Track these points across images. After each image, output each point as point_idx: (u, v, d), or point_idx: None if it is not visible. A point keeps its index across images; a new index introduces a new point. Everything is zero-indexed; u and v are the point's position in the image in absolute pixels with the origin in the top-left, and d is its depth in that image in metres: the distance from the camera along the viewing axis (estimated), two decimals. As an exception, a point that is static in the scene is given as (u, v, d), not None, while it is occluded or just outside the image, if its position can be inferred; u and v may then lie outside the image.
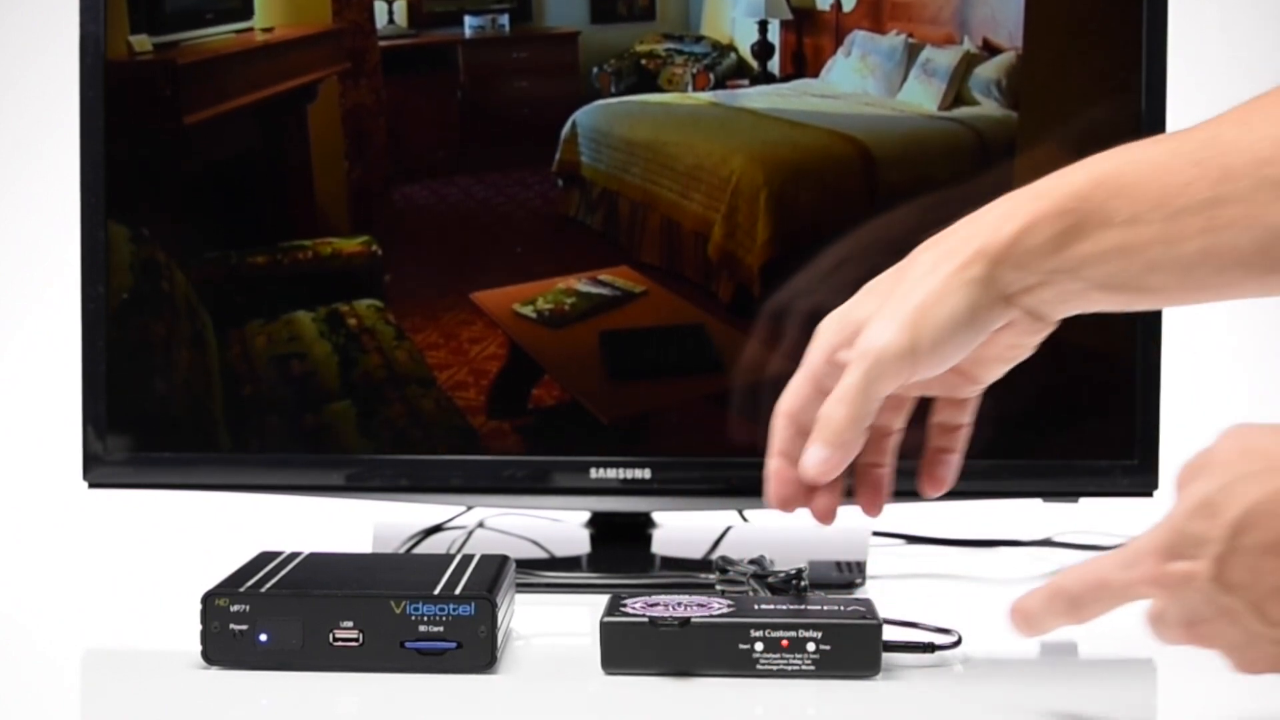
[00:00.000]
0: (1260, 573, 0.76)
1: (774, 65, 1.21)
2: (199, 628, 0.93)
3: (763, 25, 1.21)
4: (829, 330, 0.93)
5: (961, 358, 0.90)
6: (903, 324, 0.88)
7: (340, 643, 0.93)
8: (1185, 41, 1.24)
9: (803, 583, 0.99)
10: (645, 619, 0.92)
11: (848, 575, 1.19)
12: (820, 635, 0.91)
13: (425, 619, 0.93)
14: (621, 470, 1.22)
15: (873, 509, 0.96)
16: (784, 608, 0.92)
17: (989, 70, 1.20)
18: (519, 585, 1.09)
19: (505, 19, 1.22)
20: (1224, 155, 0.87)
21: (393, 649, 0.93)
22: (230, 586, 0.95)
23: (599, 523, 1.29)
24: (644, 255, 1.22)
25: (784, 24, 1.21)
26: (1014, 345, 0.92)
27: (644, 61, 1.21)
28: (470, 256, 1.21)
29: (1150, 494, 1.19)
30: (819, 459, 0.90)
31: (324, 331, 1.22)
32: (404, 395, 1.22)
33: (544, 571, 1.20)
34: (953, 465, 0.96)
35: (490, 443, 1.21)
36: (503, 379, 1.22)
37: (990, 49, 1.20)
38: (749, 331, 1.20)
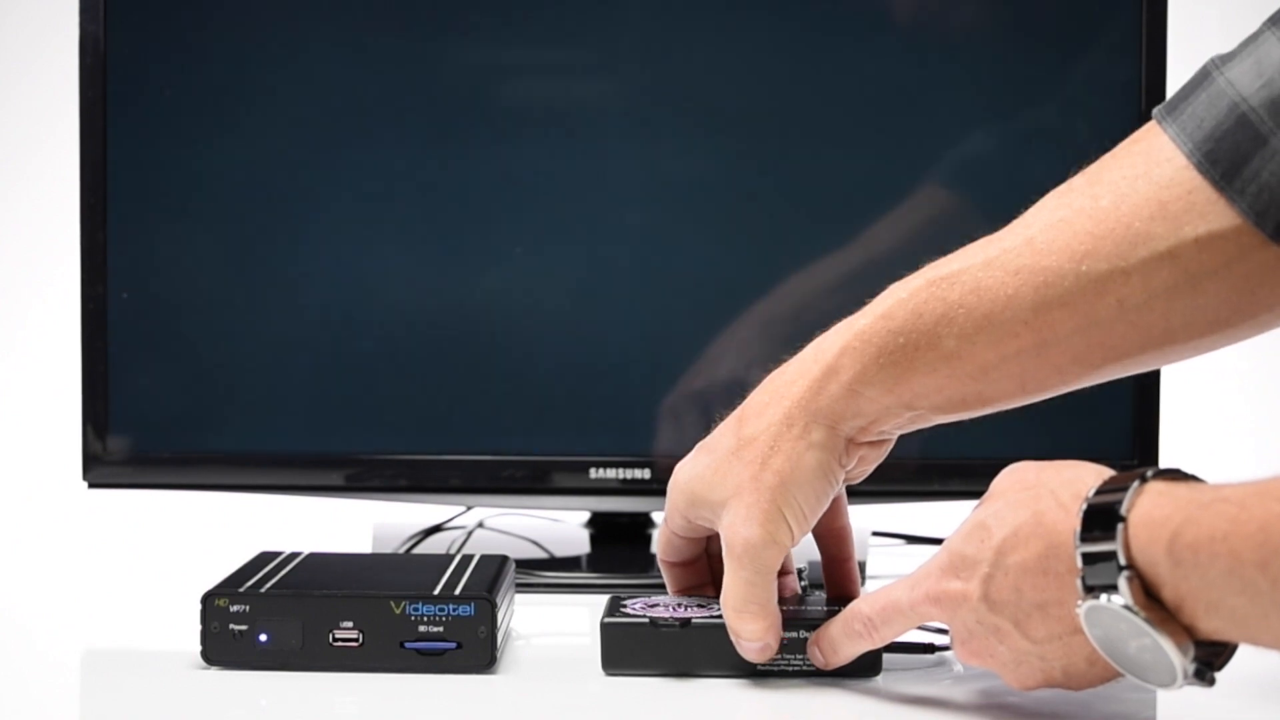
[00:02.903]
0: (1021, 591, 0.80)
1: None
2: (199, 628, 0.93)
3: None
4: (680, 498, 0.94)
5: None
6: (767, 513, 0.89)
7: (340, 643, 0.93)
8: (1185, 41, 1.24)
9: (802, 583, 0.99)
10: (645, 620, 0.92)
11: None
12: (820, 635, 0.91)
13: (425, 619, 0.93)
14: (621, 470, 1.22)
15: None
16: (784, 608, 0.92)
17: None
18: (519, 585, 1.09)
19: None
20: (1041, 258, 0.88)
21: (393, 649, 0.93)
22: (230, 586, 0.95)
23: (599, 523, 1.29)
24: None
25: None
26: (863, 470, 0.94)
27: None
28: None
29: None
30: (755, 649, 0.90)
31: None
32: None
33: (544, 571, 1.20)
34: (852, 572, 0.97)
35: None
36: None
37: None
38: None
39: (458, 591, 0.94)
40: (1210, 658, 0.76)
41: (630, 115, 1.22)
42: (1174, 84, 1.08)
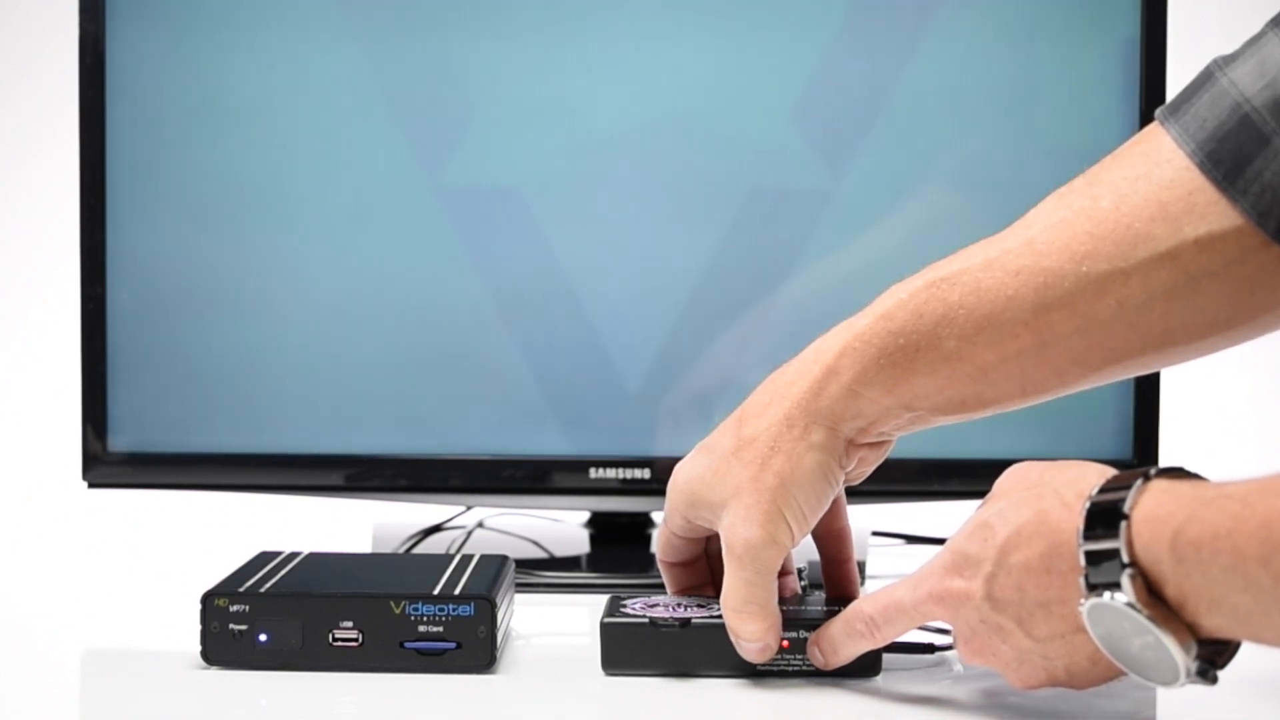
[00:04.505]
0: (1024, 590, 0.80)
1: None
2: (199, 628, 0.93)
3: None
4: (679, 498, 0.94)
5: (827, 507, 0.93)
6: (767, 514, 0.90)
7: (340, 643, 0.93)
8: (1185, 41, 1.24)
9: (802, 582, 0.99)
10: (645, 619, 0.92)
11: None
12: (820, 635, 0.91)
13: (425, 619, 0.93)
14: (621, 470, 1.22)
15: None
16: (784, 608, 0.92)
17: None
18: (519, 585, 1.09)
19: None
20: (1041, 259, 0.88)
21: (392, 649, 0.93)
22: (230, 586, 0.95)
23: (599, 523, 1.29)
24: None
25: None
26: (863, 471, 0.95)
27: None
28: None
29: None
30: (754, 649, 0.90)
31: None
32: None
33: (544, 571, 1.20)
34: (852, 573, 0.97)
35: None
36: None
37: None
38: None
39: (457, 591, 0.94)
40: (1213, 656, 0.76)
41: (632, 115, 1.22)
42: (1174, 84, 1.08)
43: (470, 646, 0.93)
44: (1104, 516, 0.76)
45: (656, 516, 1.27)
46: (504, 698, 0.91)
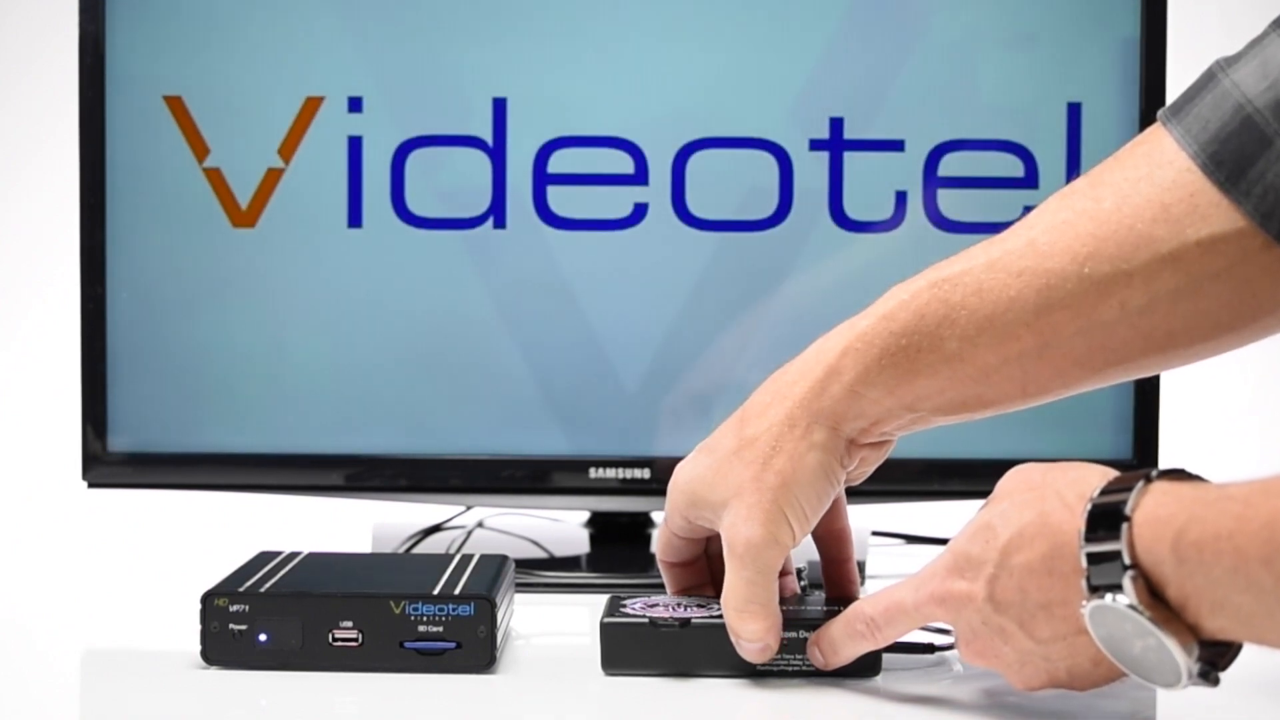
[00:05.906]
0: (1026, 591, 0.80)
1: None
2: (199, 628, 0.93)
3: None
4: (680, 498, 0.94)
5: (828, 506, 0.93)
6: (768, 513, 0.90)
7: (340, 643, 0.93)
8: (1185, 41, 1.24)
9: (802, 582, 0.99)
10: (645, 619, 0.92)
11: (848, 575, 1.19)
12: (820, 635, 0.91)
13: (425, 619, 0.93)
14: (621, 470, 1.22)
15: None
16: (783, 608, 0.92)
17: None
18: (519, 585, 1.09)
19: None
20: (1044, 260, 0.88)
21: (392, 649, 0.93)
22: (230, 586, 0.95)
23: (598, 522, 1.29)
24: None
25: None
26: (864, 471, 0.95)
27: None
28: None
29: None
30: (755, 649, 0.90)
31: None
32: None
33: (543, 571, 1.20)
34: (852, 573, 0.97)
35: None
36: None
37: None
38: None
39: (457, 591, 0.94)
40: (1215, 658, 0.76)
41: (632, 114, 1.22)
42: (1174, 84, 1.08)
43: (470, 646, 0.93)
44: (1105, 518, 0.76)
45: (656, 516, 1.27)
46: (504, 698, 0.91)
